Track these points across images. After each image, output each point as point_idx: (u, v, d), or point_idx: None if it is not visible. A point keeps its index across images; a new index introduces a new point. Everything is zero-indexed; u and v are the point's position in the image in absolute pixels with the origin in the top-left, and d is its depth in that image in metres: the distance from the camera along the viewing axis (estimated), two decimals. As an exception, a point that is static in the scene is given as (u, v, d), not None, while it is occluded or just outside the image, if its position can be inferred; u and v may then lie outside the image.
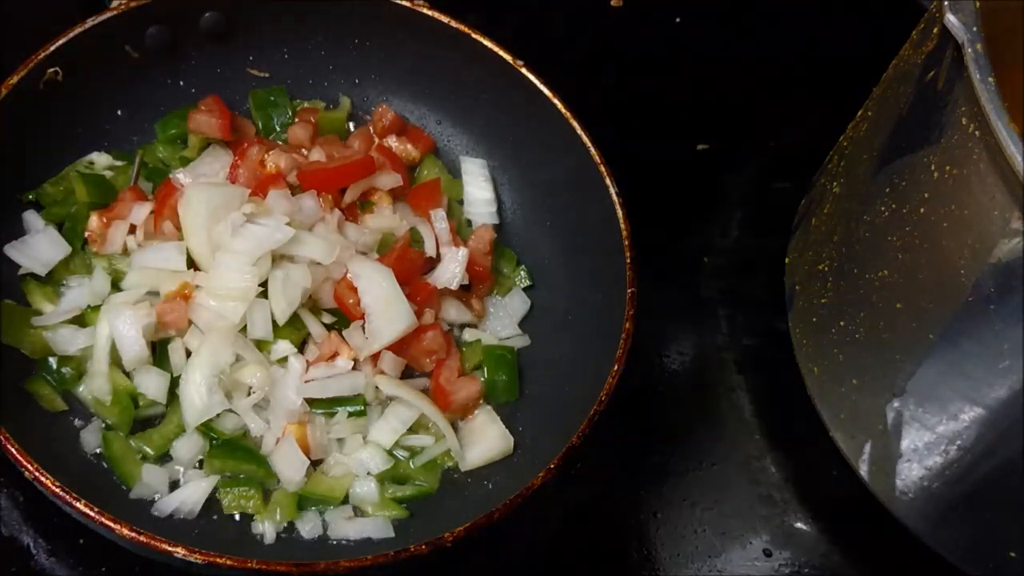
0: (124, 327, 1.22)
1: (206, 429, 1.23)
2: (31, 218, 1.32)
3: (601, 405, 1.21)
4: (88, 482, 1.14)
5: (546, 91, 1.40)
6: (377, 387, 1.28)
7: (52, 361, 1.24)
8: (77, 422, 1.23)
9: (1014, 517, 1.18)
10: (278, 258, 1.27)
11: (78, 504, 1.06)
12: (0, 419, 1.10)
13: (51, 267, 1.28)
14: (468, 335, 1.40)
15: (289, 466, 1.22)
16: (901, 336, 1.19)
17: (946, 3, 1.02)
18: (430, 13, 1.43)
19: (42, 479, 1.07)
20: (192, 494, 1.20)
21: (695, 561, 1.36)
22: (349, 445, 1.27)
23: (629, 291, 1.28)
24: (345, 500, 1.25)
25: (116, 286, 1.29)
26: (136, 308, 1.23)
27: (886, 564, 1.41)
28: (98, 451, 1.22)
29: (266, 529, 1.20)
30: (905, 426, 1.22)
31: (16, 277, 1.28)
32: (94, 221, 1.32)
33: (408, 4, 1.43)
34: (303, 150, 1.44)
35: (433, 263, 1.39)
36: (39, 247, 1.29)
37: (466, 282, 1.39)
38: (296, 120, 1.48)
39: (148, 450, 1.22)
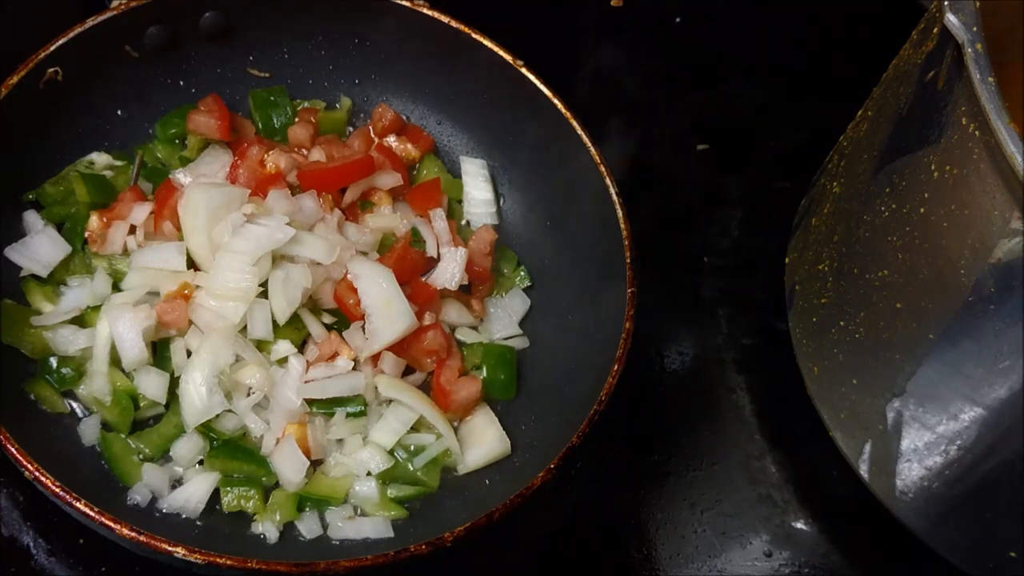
0: (124, 328, 1.22)
1: (206, 429, 1.23)
2: (31, 218, 1.32)
3: (601, 405, 1.21)
4: (88, 482, 1.14)
5: (546, 91, 1.41)
6: (377, 388, 1.28)
7: (52, 361, 1.24)
8: (76, 422, 1.23)
9: (1014, 517, 1.18)
10: (278, 258, 1.27)
11: (78, 504, 1.06)
12: (0, 419, 1.10)
13: (51, 268, 1.28)
14: (468, 336, 1.40)
15: (289, 466, 1.22)
16: (901, 336, 1.19)
17: (946, 3, 1.02)
18: (430, 13, 1.43)
19: (42, 479, 1.07)
20: (196, 491, 1.20)
21: (695, 561, 1.36)
22: (349, 445, 1.27)
23: (629, 291, 1.28)
24: (345, 500, 1.25)
25: (116, 286, 1.29)
26: (136, 309, 1.23)
27: (886, 564, 1.41)
28: (96, 444, 1.22)
29: (266, 529, 1.20)
30: (905, 426, 1.22)
31: (16, 277, 1.28)
32: (94, 221, 1.32)
33: (408, 4, 1.43)
34: (303, 150, 1.44)
35: (433, 263, 1.39)
36: (39, 247, 1.29)
37: (466, 282, 1.39)
38: (296, 120, 1.48)
39: (148, 450, 1.22)
